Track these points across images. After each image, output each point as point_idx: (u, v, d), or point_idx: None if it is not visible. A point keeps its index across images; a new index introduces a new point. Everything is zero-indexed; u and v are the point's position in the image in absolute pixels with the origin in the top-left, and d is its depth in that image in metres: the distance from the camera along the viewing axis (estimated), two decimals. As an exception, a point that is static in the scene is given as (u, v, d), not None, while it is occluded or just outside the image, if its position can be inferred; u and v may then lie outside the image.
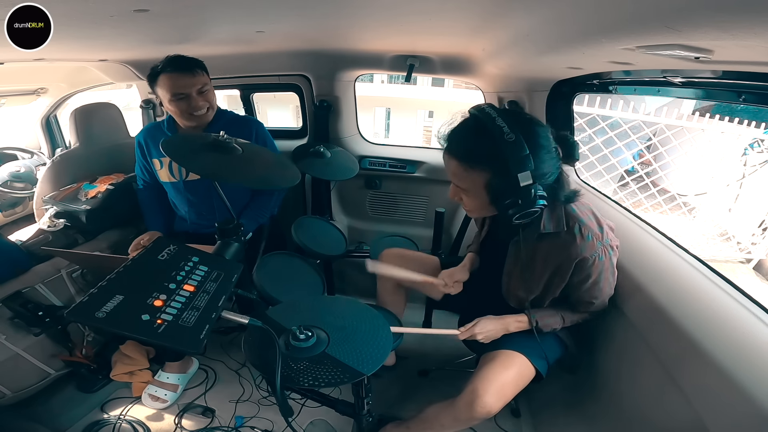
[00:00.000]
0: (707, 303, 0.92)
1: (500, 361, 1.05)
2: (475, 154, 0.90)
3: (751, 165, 4.76)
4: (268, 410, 1.45)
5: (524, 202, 0.88)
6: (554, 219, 0.98)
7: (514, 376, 1.04)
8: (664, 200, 4.89)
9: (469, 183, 0.94)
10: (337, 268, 2.13)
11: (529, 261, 1.04)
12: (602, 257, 0.97)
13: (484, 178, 0.91)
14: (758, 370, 0.73)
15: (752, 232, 4.73)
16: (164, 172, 1.50)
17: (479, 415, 0.99)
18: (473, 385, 1.01)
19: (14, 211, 2.26)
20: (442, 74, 1.87)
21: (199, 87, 1.33)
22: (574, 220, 0.97)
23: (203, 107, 1.36)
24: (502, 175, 0.87)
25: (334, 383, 0.74)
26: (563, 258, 0.98)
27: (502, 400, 1.01)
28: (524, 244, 1.03)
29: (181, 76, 1.31)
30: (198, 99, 1.34)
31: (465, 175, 0.93)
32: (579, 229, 0.96)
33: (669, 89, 1.03)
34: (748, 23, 0.46)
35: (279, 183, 1.08)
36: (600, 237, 0.97)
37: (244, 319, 0.76)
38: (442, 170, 2.00)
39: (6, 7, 0.69)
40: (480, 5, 0.85)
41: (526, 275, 1.06)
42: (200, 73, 1.34)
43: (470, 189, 0.95)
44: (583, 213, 0.99)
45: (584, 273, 0.99)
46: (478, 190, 0.93)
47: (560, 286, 1.04)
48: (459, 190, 0.99)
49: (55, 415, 1.36)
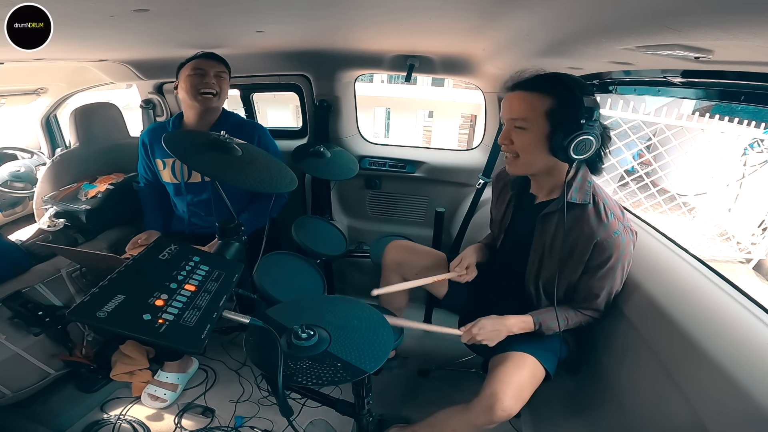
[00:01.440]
0: (707, 303, 0.92)
1: (513, 362, 1.05)
2: (541, 80, 0.96)
3: (751, 165, 4.77)
4: (268, 410, 1.45)
5: (586, 127, 0.91)
6: (582, 192, 1.01)
7: (529, 378, 1.04)
8: (664, 200, 4.89)
9: (529, 110, 0.95)
10: (337, 268, 2.13)
11: (554, 236, 1.05)
12: (624, 238, 0.99)
13: (547, 103, 0.93)
14: (758, 370, 0.74)
15: (752, 232, 4.73)
16: (167, 173, 1.52)
17: (499, 418, 0.98)
18: (492, 389, 1.00)
19: (14, 211, 2.26)
20: (442, 74, 1.87)
21: (218, 70, 1.43)
22: (600, 198, 1.01)
23: (214, 88, 1.42)
24: (566, 100, 0.92)
25: (337, 382, 0.74)
26: (585, 232, 0.99)
27: (520, 402, 1.00)
28: (551, 217, 1.05)
29: (205, 60, 1.42)
30: (212, 78, 1.41)
31: (526, 102, 0.96)
32: (603, 207, 1.00)
33: (669, 89, 1.03)
34: (748, 23, 0.46)
35: (274, 187, 1.08)
36: (621, 218, 1.01)
37: (245, 319, 0.76)
38: (442, 170, 2.04)
39: (6, 7, 0.69)
40: (480, 5, 0.85)
41: (550, 251, 1.07)
42: (223, 65, 1.45)
43: (529, 117, 0.95)
44: (607, 195, 1.04)
45: (606, 254, 0.99)
46: (537, 117, 0.95)
47: (578, 269, 1.04)
48: (512, 127, 0.99)
49: (55, 415, 1.36)
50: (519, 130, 0.98)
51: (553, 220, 1.05)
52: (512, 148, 1.01)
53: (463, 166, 2.02)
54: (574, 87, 0.92)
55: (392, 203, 2.18)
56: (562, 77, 0.95)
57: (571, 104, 0.91)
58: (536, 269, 1.11)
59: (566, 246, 1.02)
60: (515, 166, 1.04)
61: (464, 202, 2.03)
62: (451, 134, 10.09)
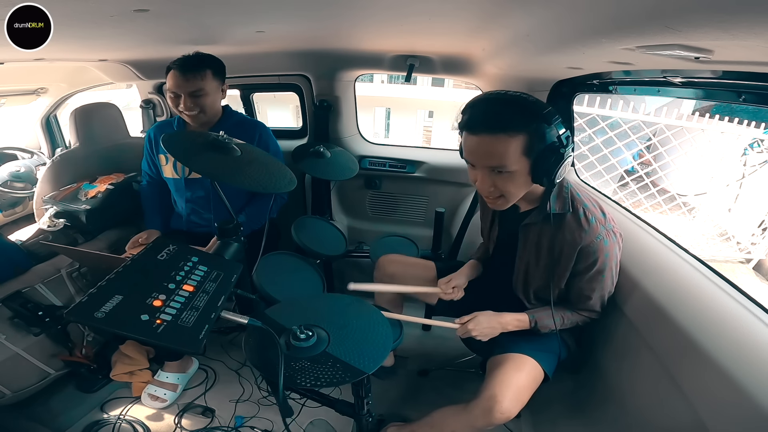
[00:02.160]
0: (707, 303, 0.92)
1: (512, 364, 1.05)
2: (507, 118, 0.87)
3: (751, 165, 4.76)
4: (268, 410, 1.45)
5: (564, 152, 0.88)
6: (560, 200, 1.00)
7: (528, 380, 1.04)
8: (664, 200, 4.88)
9: (507, 155, 0.88)
10: (337, 268, 2.13)
11: (538, 244, 1.05)
12: (606, 241, 0.98)
13: (521, 142, 0.87)
14: (758, 370, 0.73)
15: (752, 232, 4.72)
16: (168, 168, 1.53)
17: (498, 421, 0.97)
18: (491, 391, 0.99)
19: (14, 211, 2.26)
20: (442, 74, 1.87)
21: (192, 90, 1.34)
22: (579, 203, 1.00)
23: (193, 110, 1.37)
24: (538, 131, 0.86)
25: (336, 383, 0.74)
26: (568, 240, 0.99)
27: (519, 405, 1.00)
28: (533, 227, 1.05)
29: (178, 76, 1.33)
30: (188, 101, 1.35)
31: (499, 147, 0.87)
32: (584, 213, 0.98)
33: (669, 89, 1.03)
34: (748, 23, 0.46)
35: (274, 187, 1.07)
36: (603, 222, 0.99)
37: (243, 319, 0.76)
38: (442, 170, 2.04)
39: (6, 7, 0.69)
40: (480, 5, 0.85)
41: (536, 260, 1.06)
42: (199, 78, 1.34)
43: (508, 163, 0.88)
44: (587, 199, 1.02)
45: (590, 259, 0.99)
46: (516, 160, 0.88)
47: (564, 275, 1.04)
48: (492, 174, 0.92)
49: (55, 415, 1.36)
50: (500, 174, 0.92)
51: (535, 230, 1.05)
52: (496, 191, 0.96)
53: (463, 166, 1.98)
54: (538, 114, 0.86)
55: (392, 203, 2.18)
56: (524, 106, 0.87)
57: (544, 134, 0.86)
58: (523, 278, 1.12)
59: (552, 255, 1.02)
60: (501, 204, 0.99)
61: (464, 202, 2.03)
62: (451, 134, 10.09)
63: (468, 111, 0.93)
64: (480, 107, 0.91)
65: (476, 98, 0.93)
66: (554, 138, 0.87)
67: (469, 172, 0.99)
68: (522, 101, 0.88)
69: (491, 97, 0.92)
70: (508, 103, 0.89)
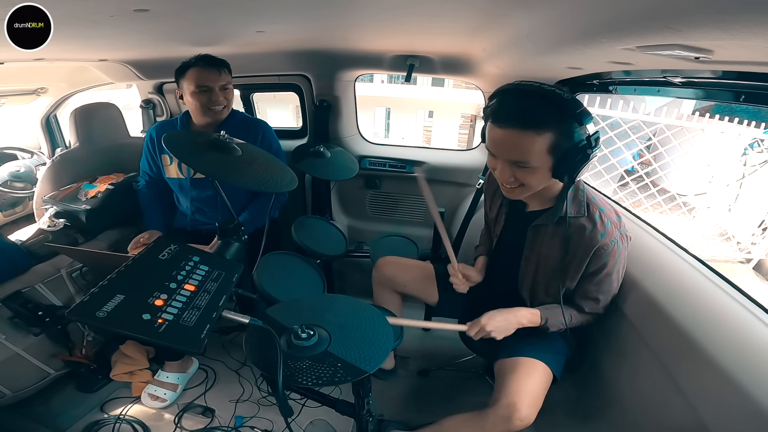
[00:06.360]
0: (707, 303, 0.92)
1: (524, 369, 1.04)
2: (538, 115, 0.83)
3: (751, 165, 4.77)
4: (268, 410, 1.45)
5: (590, 152, 0.84)
6: (576, 203, 0.99)
7: (541, 384, 1.03)
8: (664, 200, 4.89)
9: (531, 152, 0.85)
10: (337, 268, 2.13)
11: (549, 245, 1.04)
12: (620, 245, 0.98)
13: (549, 140, 0.84)
14: (758, 370, 0.74)
15: (752, 232, 4.73)
16: (173, 168, 1.53)
17: (517, 428, 0.97)
18: (509, 399, 0.98)
19: (14, 211, 2.26)
20: (442, 74, 1.87)
21: (222, 84, 1.41)
22: (595, 206, 0.99)
23: (222, 103, 1.43)
24: (568, 130, 0.83)
25: (337, 382, 0.74)
26: (583, 243, 0.98)
27: (536, 410, 1.00)
28: (544, 228, 1.04)
29: (208, 71, 1.38)
30: (219, 94, 1.41)
31: (524, 143, 0.85)
32: (600, 216, 0.97)
33: (669, 89, 1.03)
34: (748, 23, 0.46)
35: (275, 186, 1.08)
36: (618, 225, 0.99)
37: (244, 319, 0.76)
38: (442, 170, 2.04)
39: (6, 7, 0.69)
40: (480, 5, 0.85)
41: (545, 260, 1.06)
42: (225, 72, 1.42)
43: (532, 159, 0.86)
44: (602, 202, 1.02)
45: (601, 261, 0.98)
46: (540, 157, 0.86)
47: (576, 277, 1.03)
48: (514, 166, 0.89)
49: (55, 415, 1.36)
50: (522, 168, 0.89)
51: (546, 232, 1.04)
52: (516, 182, 0.93)
53: (463, 166, 2.02)
54: (572, 113, 0.83)
55: (392, 203, 2.18)
56: (558, 103, 0.83)
57: (573, 133, 0.84)
58: (531, 278, 1.11)
59: (564, 256, 1.01)
60: (517, 194, 0.97)
61: (464, 202, 2.03)
62: (451, 134, 10.09)
63: (498, 99, 0.89)
64: (511, 98, 0.87)
65: (508, 86, 0.89)
66: (583, 138, 0.84)
67: (489, 160, 0.97)
68: (556, 97, 0.83)
69: (524, 88, 0.87)
70: (541, 99, 0.84)
